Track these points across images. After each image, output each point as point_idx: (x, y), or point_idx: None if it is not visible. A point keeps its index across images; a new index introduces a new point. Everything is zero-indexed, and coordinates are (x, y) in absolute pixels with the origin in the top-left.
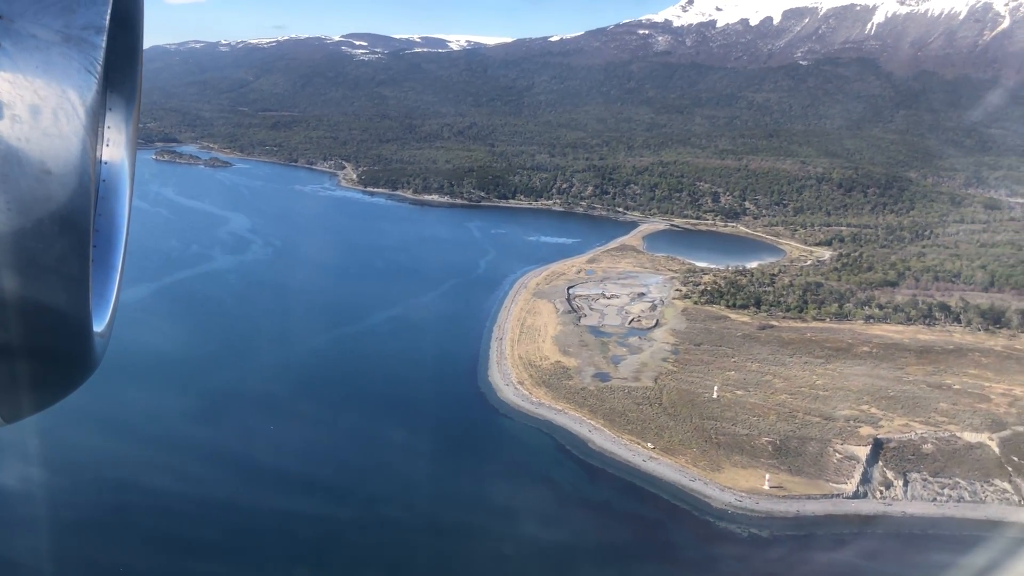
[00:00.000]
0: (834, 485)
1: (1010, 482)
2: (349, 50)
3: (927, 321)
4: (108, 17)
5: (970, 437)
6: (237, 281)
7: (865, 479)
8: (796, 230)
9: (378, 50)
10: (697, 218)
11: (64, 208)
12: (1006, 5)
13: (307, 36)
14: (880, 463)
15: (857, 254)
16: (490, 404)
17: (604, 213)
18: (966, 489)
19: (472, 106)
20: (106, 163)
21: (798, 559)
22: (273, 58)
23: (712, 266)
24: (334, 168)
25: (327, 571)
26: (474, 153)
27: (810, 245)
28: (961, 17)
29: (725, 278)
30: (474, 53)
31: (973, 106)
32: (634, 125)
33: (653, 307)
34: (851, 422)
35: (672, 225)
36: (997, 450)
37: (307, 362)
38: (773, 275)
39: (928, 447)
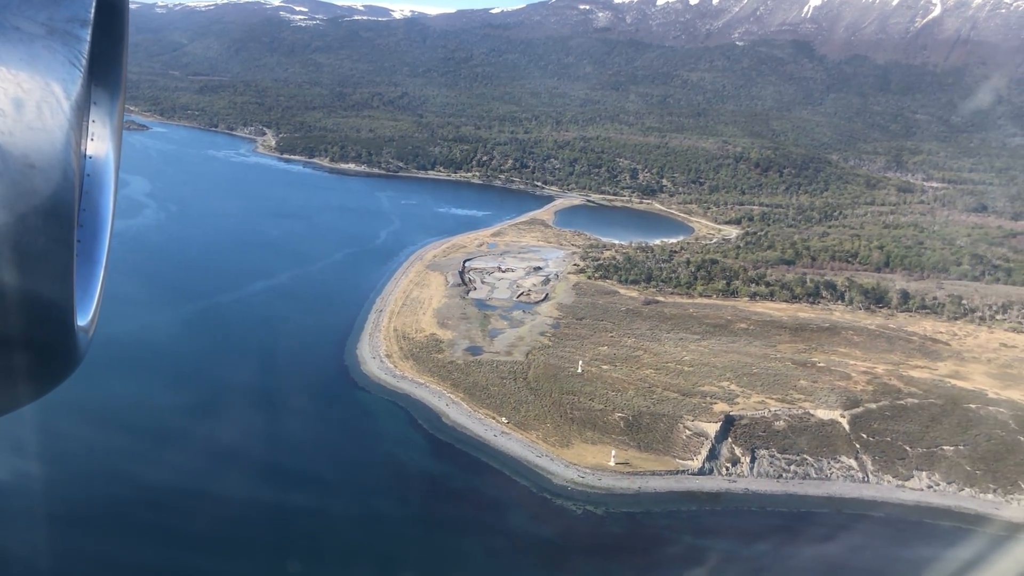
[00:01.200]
0: (681, 461)
1: (856, 459)
2: (288, 15)
3: (811, 299)
4: (93, 10)
5: (823, 414)
6: (117, 246)
7: (712, 456)
8: (709, 208)
9: (318, 17)
10: (614, 194)
11: (48, 202)
12: None
13: (246, 1)
14: (729, 440)
15: (763, 232)
16: (350, 377)
17: (522, 187)
18: (813, 466)
19: (408, 76)
20: (90, 157)
21: (627, 536)
22: (209, 22)
23: (617, 242)
24: (254, 134)
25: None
26: (400, 123)
27: (720, 223)
28: (895, 3)
29: (625, 254)
30: (414, 23)
31: (902, 91)
32: (568, 100)
33: (546, 281)
34: (707, 398)
35: (588, 201)
36: (847, 427)
37: (166, 332)
38: (674, 252)
39: (780, 424)
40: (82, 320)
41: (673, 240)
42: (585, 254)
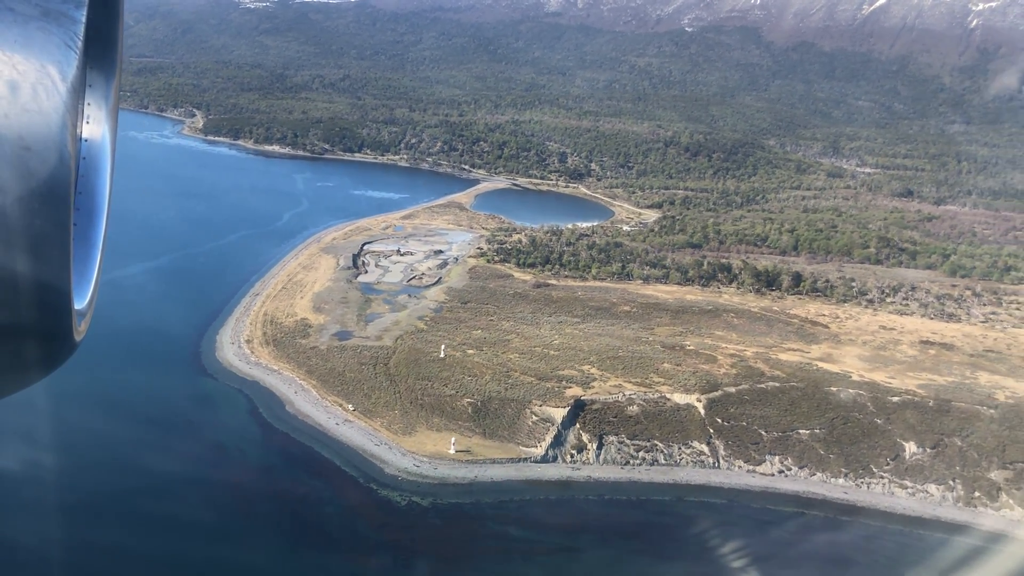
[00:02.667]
0: (524, 448)
1: (708, 444)
2: None
3: (704, 282)
4: None
5: (679, 399)
6: None
7: (558, 442)
8: (634, 192)
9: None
10: (541, 178)
11: (45, 185)
12: None
13: None
14: (577, 425)
15: (681, 216)
16: (200, 364)
17: (449, 170)
18: (663, 452)
19: (355, 59)
20: (86, 140)
21: (443, 528)
22: (157, 3)
23: (530, 226)
24: (183, 116)
25: None
26: (335, 105)
27: (642, 207)
28: None
29: (532, 237)
30: (364, 6)
31: (847, 78)
32: (513, 84)
33: (443, 264)
34: (563, 383)
35: (514, 184)
36: (703, 412)
37: None
38: (584, 235)
39: (634, 409)
40: (79, 303)
41: (587, 224)
42: (492, 237)
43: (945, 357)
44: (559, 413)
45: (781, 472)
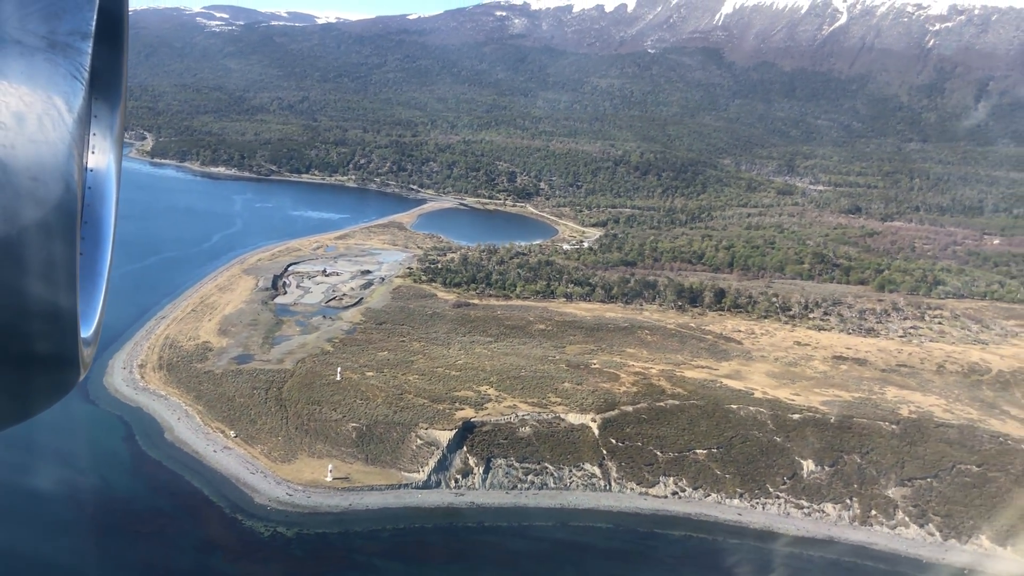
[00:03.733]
0: (406, 474)
1: (600, 466)
2: (205, 21)
3: (627, 299)
4: (94, 23)
5: (574, 419)
6: None
7: (442, 467)
8: (581, 211)
9: (237, 23)
10: (489, 197)
11: (51, 215)
12: (844, 1)
13: (166, 7)
14: (464, 449)
15: (624, 234)
16: (84, 389)
17: (397, 190)
18: (553, 475)
19: (318, 81)
20: (92, 170)
21: (301, 560)
22: None
23: (467, 245)
24: (134, 138)
25: None
26: (288, 127)
27: (586, 226)
28: (803, 11)
29: (465, 256)
30: (330, 29)
31: (807, 98)
32: (474, 106)
33: (368, 284)
34: (456, 404)
35: (461, 204)
36: (597, 432)
37: None
38: (521, 253)
39: (525, 430)
40: (85, 331)
41: (526, 243)
42: (424, 257)
43: (856, 372)
44: (445, 436)
45: (675, 494)
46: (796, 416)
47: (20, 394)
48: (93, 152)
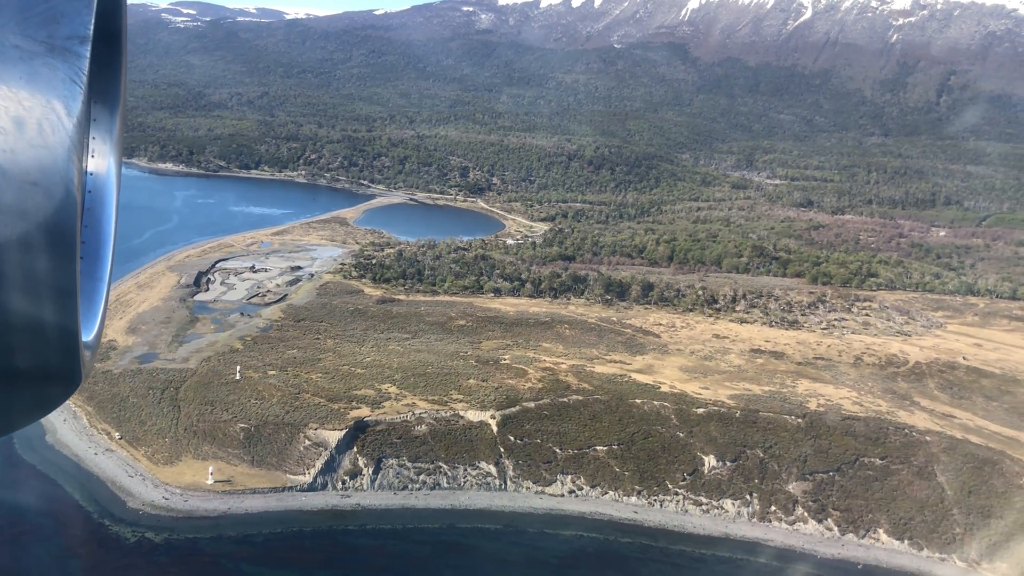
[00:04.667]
0: (291, 476)
1: (496, 464)
2: (171, 17)
3: (556, 294)
4: (92, 27)
5: (473, 416)
6: None
7: (329, 468)
8: (532, 205)
9: (203, 19)
10: (440, 192)
11: (51, 220)
12: None
13: (132, 2)
14: (354, 449)
15: (569, 229)
16: None
17: (347, 185)
18: (447, 474)
19: (281, 77)
20: (91, 174)
21: (168, 566)
22: None
23: (407, 240)
24: None
25: None
26: (243, 122)
27: (534, 220)
28: (768, 7)
29: (401, 252)
30: (296, 24)
31: (771, 92)
32: (437, 101)
33: (295, 281)
34: (353, 403)
35: (411, 199)
36: (496, 429)
37: None
38: (462, 248)
39: (421, 429)
40: (86, 336)
41: (467, 238)
42: (360, 252)
43: (771, 366)
44: (334, 436)
45: (572, 492)
46: (701, 410)
47: (21, 400)
48: (93, 156)
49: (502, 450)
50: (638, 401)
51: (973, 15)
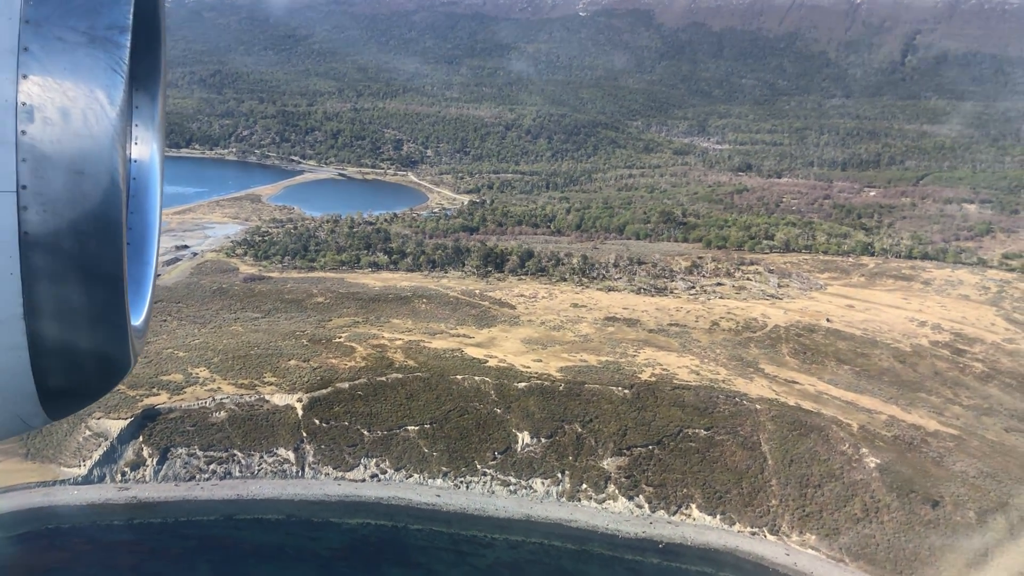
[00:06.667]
0: (66, 469)
1: (296, 450)
2: None
3: (435, 267)
4: (131, 16)
5: (279, 400)
6: None
7: (109, 459)
8: (463, 177)
9: (168, 1)
10: (372, 166)
11: (98, 208)
12: None
13: None
14: (140, 439)
15: (492, 200)
16: None
17: (277, 162)
18: (240, 462)
19: (243, 55)
20: (136, 161)
21: None
22: None
23: (316, 216)
24: None
25: None
26: (185, 100)
27: (459, 193)
28: None
29: (297, 227)
30: (260, 2)
31: (734, 57)
32: (395, 75)
33: (173, 261)
34: (154, 389)
35: (340, 174)
36: (301, 413)
37: None
38: (369, 223)
39: (220, 415)
40: (135, 320)
41: (380, 212)
42: (256, 230)
43: (621, 334)
44: (117, 426)
45: (374, 476)
46: (522, 385)
47: (75, 384)
48: (136, 143)
49: (304, 435)
50: (459, 377)
51: None
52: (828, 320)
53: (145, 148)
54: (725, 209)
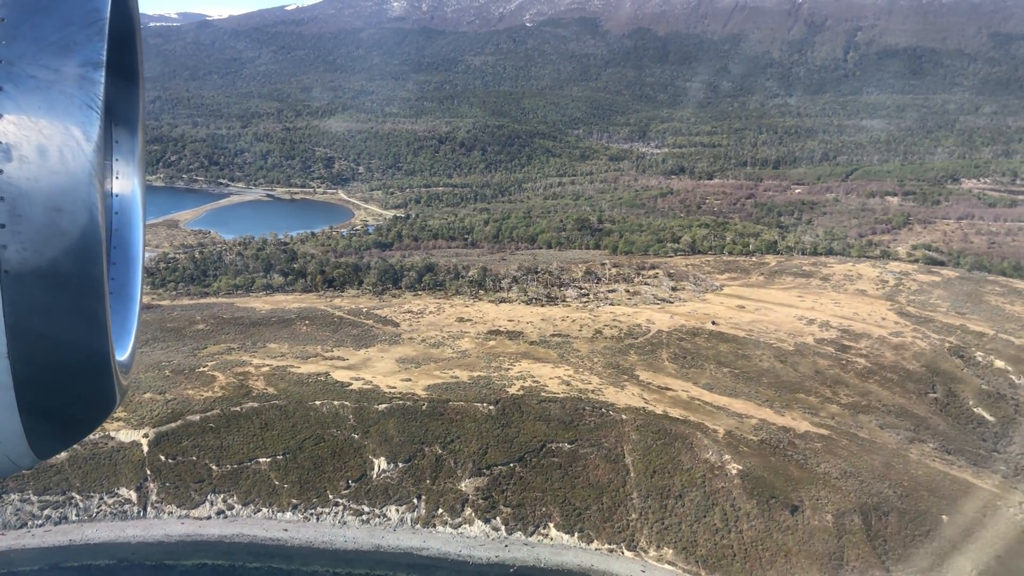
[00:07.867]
0: None
1: (138, 489)
2: None
3: (331, 286)
4: (105, 53)
5: (125, 436)
6: None
7: None
8: (393, 193)
9: None
10: (302, 186)
11: (77, 243)
12: None
13: None
14: None
15: (417, 215)
16: None
17: (205, 186)
18: (78, 505)
19: (185, 80)
20: (117, 195)
21: None
22: None
23: (227, 239)
24: None
25: None
26: None
27: (387, 208)
28: None
29: (203, 253)
30: (206, 26)
31: (679, 61)
32: (339, 94)
33: None
34: None
35: (268, 195)
36: (146, 449)
37: None
38: (284, 244)
39: (60, 456)
40: (121, 354)
41: (297, 232)
42: (163, 256)
43: (501, 348)
44: None
45: (220, 513)
46: (383, 407)
47: (61, 422)
48: (117, 178)
49: (148, 472)
50: (318, 403)
51: None
52: (714, 323)
53: (127, 183)
54: (646, 213)
